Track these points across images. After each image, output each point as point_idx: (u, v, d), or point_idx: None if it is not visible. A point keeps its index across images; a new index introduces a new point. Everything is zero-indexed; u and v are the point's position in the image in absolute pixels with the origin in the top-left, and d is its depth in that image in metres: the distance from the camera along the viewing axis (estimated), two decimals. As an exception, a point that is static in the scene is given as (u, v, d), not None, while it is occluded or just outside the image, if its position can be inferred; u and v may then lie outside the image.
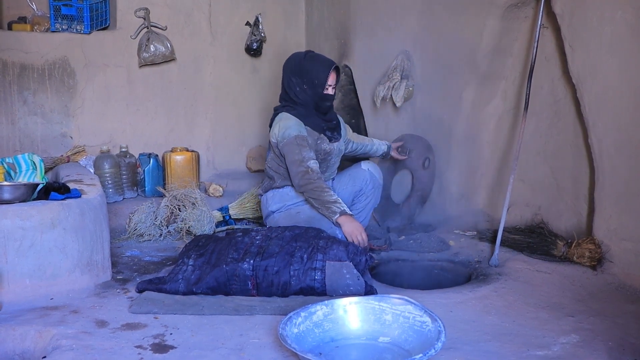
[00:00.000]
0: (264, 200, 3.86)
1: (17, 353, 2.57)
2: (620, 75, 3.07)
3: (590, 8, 3.18)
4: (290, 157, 3.55)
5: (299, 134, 3.57)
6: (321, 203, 3.47)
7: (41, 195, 3.18)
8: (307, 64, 3.70)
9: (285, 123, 3.61)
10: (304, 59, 3.73)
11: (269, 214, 3.80)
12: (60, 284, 3.00)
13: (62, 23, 4.99)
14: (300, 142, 3.54)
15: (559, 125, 3.64)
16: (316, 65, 3.69)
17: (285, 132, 3.57)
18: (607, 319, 2.68)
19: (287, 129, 3.58)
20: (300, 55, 3.79)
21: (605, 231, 3.22)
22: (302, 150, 3.53)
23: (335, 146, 3.82)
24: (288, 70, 3.76)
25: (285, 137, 3.56)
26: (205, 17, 5.42)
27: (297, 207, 3.67)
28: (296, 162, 3.52)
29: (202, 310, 2.81)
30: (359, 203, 3.88)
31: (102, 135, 5.16)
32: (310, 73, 3.68)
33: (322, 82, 3.67)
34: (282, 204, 3.73)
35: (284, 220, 3.66)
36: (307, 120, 3.68)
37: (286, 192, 3.72)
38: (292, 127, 3.59)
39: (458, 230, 4.11)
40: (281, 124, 3.62)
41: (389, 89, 4.35)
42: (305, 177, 3.49)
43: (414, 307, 2.42)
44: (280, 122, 3.64)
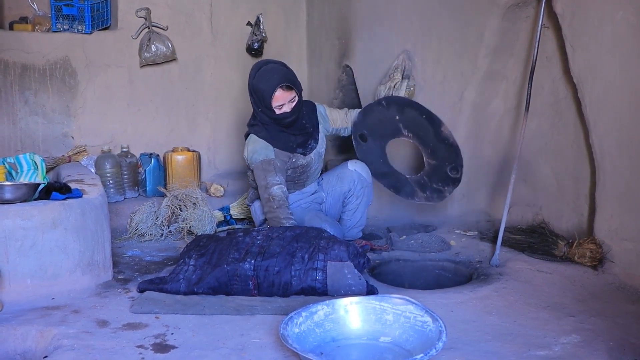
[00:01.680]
0: (253, 210, 3.91)
1: (19, 353, 2.57)
2: (621, 75, 3.07)
3: (591, 8, 3.18)
4: (257, 181, 3.58)
5: (265, 159, 3.54)
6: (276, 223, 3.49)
7: (42, 195, 3.18)
8: (257, 82, 3.51)
9: (253, 147, 3.59)
10: (255, 76, 3.52)
11: (261, 222, 3.86)
12: (61, 284, 3.01)
13: (64, 23, 4.99)
14: (265, 167, 3.53)
15: (560, 125, 3.64)
16: (262, 84, 3.47)
17: (252, 157, 3.58)
18: (608, 319, 2.67)
19: (254, 154, 3.57)
20: (256, 68, 3.56)
21: (606, 231, 3.21)
22: (267, 175, 3.52)
23: (312, 156, 3.78)
24: (248, 85, 3.60)
25: (253, 162, 3.58)
26: (206, 17, 5.42)
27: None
28: (262, 188, 3.55)
29: (203, 310, 2.81)
30: (350, 204, 3.90)
31: (103, 135, 5.16)
32: (257, 93, 3.52)
33: (269, 104, 3.49)
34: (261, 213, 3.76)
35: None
36: (275, 142, 3.61)
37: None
38: (259, 151, 3.57)
39: (459, 230, 4.11)
40: (249, 148, 3.62)
41: (390, 89, 4.35)
42: (267, 204, 3.54)
43: (415, 307, 2.42)
44: (249, 146, 3.63)
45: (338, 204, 3.91)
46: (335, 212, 3.95)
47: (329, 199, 3.91)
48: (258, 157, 3.56)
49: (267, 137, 3.61)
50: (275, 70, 3.51)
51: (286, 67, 3.61)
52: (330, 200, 3.91)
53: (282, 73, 3.51)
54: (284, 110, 3.53)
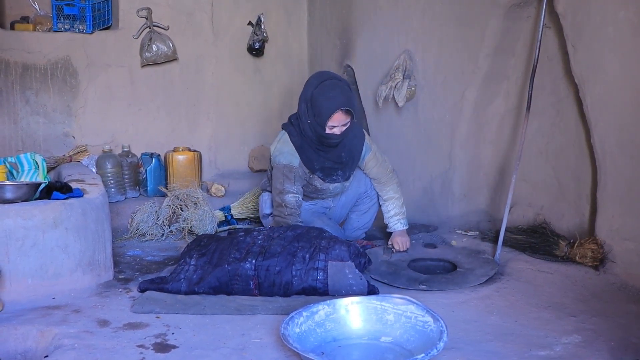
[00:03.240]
0: (261, 201, 3.91)
1: (19, 352, 2.58)
2: (622, 74, 3.06)
3: (592, 7, 3.17)
4: (274, 182, 3.54)
5: (288, 164, 3.47)
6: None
7: (43, 194, 3.19)
8: (318, 95, 3.34)
9: (281, 147, 3.51)
10: (317, 86, 3.37)
11: (264, 216, 3.87)
12: (62, 284, 3.01)
13: (65, 23, 5.00)
14: (286, 173, 3.47)
15: (561, 125, 3.64)
16: (324, 100, 3.32)
17: (277, 157, 3.52)
18: (609, 319, 2.67)
19: (280, 154, 3.50)
20: (318, 78, 3.44)
21: (607, 231, 3.21)
22: (285, 181, 3.46)
23: (331, 187, 3.67)
24: (303, 91, 3.47)
25: (275, 162, 3.53)
26: (208, 17, 5.42)
27: None
28: (276, 190, 3.50)
29: (204, 310, 2.81)
30: (362, 204, 3.90)
31: (104, 135, 5.17)
32: (315, 106, 3.36)
33: (323, 122, 3.35)
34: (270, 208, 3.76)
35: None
36: (302, 154, 3.51)
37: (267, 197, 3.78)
38: (285, 154, 3.48)
39: (460, 230, 4.10)
40: (278, 146, 3.54)
41: (392, 89, 4.36)
42: (277, 209, 3.51)
43: (416, 307, 2.42)
44: (278, 144, 3.55)
45: (350, 203, 3.89)
46: (345, 212, 3.95)
47: (343, 197, 3.86)
48: (282, 160, 3.48)
49: (298, 146, 3.49)
50: (341, 90, 3.34)
51: (349, 88, 3.47)
52: (344, 199, 3.87)
53: (347, 96, 3.34)
54: (334, 131, 3.39)
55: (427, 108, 4.34)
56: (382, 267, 3.41)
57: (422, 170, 4.46)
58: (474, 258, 3.51)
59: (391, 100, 4.40)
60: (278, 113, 5.84)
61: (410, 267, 3.43)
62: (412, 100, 4.38)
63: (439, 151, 4.27)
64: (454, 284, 3.17)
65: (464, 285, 3.15)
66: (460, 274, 3.31)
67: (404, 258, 3.56)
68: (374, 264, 3.35)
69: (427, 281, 3.21)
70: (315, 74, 3.55)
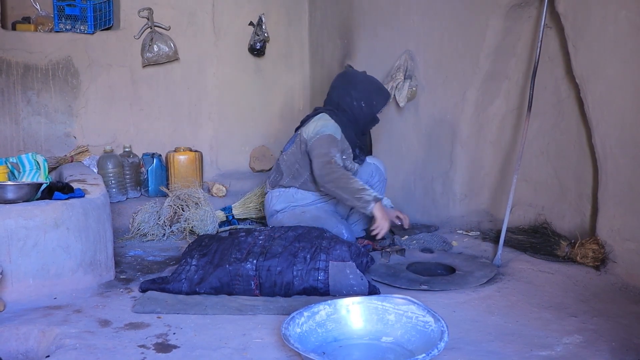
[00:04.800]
0: (269, 199, 3.85)
1: (21, 352, 2.58)
2: (624, 74, 3.06)
3: (593, 7, 3.17)
4: (317, 151, 3.54)
5: (332, 134, 3.59)
6: (350, 192, 3.47)
7: (45, 194, 3.19)
8: (371, 86, 3.83)
9: (325, 122, 3.64)
10: (367, 79, 3.85)
11: (273, 213, 3.80)
12: (63, 284, 3.01)
13: (66, 23, 5.00)
14: (331, 141, 3.57)
15: (563, 125, 3.64)
16: (379, 90, 3.84)
17: (320, 129, 3.59)
18: (610, 319, 2.67)
19: (324, 127, 3.60)
20: (362, 73, 3.91)
21: (608, 231, 3.21)
22: (330, 147, 3.55)
23: (357, 167, 3.85)
24: (347, 82, 3.82)
25: (319, 134, 3.57)
26: (209, 17, 5.43)
27: (302, 207, 3.67)
28: (321, 155, 3.52)
29: (205, 310, 2.81)
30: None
31: (105, 135, 5.17)
32: (372, 94, 3.79)
33: (380, 107, 3.83)
34: (286, 204, 3.73)
35: (288, 219, 3.67)
36: (344, 130, 3.72)
37: (291, 194, 3.73)
38: (330, 127, 3.63)
39: (461, 231, 4.10)
40: (319, 122, 3.65)
41: (393, 89, 4.36)
42: (327, 166, 3.49)
43: (417, 307, 2.42)
44: (319, 121, 3.67)
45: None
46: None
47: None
48: (327, 131, 3.58)
49: (340, 122, 3.70)
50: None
51: None
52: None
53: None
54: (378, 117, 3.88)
55: (428, 108, 4.34)
56: (381, 269, 3.41)
57: (423, 171, 4.46)
58: (471, 262, 3.51)
59: (392, 100, 4.40)
60: (279, 113, 5.85)
61: (409, 270, 3.43)
62: (413, 101, 4.38)
63: (439, 151, 4.27)
64: (454, 285, 3.17)
65: (464, 286, 3.15)
66: (460, 275, 3.31)
67: (402, 261, 3.56)
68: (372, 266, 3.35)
69: (428, 282, 3.21)
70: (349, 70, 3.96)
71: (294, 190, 3.73)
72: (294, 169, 3.71)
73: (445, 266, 3.52)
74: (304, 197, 3.71)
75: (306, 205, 3.69)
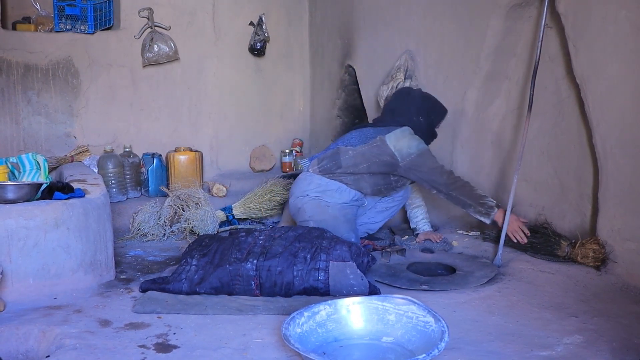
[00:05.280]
0: (307, 180, 3.78)
1: (21, 352, 2.58)
2: (624, 74, 3.06)
3: (594, 7, 3.17)
4: (428, 164, 3.64)
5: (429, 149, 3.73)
6: (475, 199, 3.56)
7: (45, 194, 3.19)
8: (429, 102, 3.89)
9: (418, 138, 3.72)
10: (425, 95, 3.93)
11: (303, 194, 3.75)
12: (63, 284, 3.01)
13: (66, 23, 5.00)
14: (433, 155, 3.69)
15: (563, 125, 3.63)
16: (437, 105, 3.90)
17: (419, 145, 3.67)
18: (611, 319, 2.67)
19: (422, 143, 3.71)
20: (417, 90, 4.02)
21: (609, 231, 3.21)
22: (437, 160, 3.70)
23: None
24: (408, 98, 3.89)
25: (420, 149, 3.66)
26: (209, 17, 5.42)
27: (330, 203, 3.67)
28: (439, 168, 3.65)
29: (206, 310, 2.81)
30: (383, 203, 3.90)
31: (106, 135, 5.17)
32: (429, 110, 3.86)
33: (437, 121, 3.90)
34: (319, 193, 3.70)
35: (310, 207, 3.68)
36: None
37: (335, 188, 3.70)
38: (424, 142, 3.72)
39: (462, 231, 4.11)
40: (413, 137, 3.71)
41: (393, 89, 4.35)
42: (452, 176, 3.63)
43: (417, 307, 2.42)
44: (411, 136, 3.72)
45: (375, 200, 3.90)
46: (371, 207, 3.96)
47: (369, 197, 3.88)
48: (425, 146, 3.70)
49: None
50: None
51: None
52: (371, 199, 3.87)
53: None
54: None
55: (428, 108, 4.33)
56: (382, 269, 3.41)
57: (424, 171, 4.45)
58: (472, 262, 3.51)
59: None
60: (279, 113, 5.85)
61: (410, 270, 3.43)
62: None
63: (440, 151, 4.27)
64: (455, 285, 3.17)
65: (465, 286, 3.14)
66: (461, 275, 3.31)
67: (402, 262, 3.56)
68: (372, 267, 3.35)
69: (428, 282, 3.21)
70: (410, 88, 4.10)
71: (340, 186, 3.71)
72: (358, 168, 3.69)
73: (446, 266, 3.52)
74: (341, 196, 3.70)
75: (335, 204, 3.68)
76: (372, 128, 3.82)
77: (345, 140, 3.84)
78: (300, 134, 5.95)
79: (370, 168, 3.68)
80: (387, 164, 3.67)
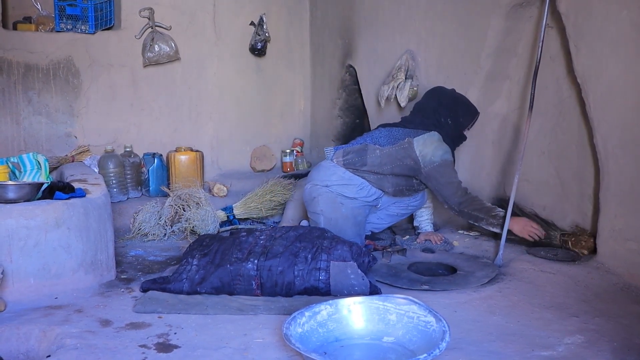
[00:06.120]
0: (331, 170, 3.77)
1: (22, 352, 2.58)
2: (625, 74, 3.06)
3: (595, 7, 3.17)
4: (446, 178, 3.62)
5: (453, 161, 3.70)
6: (485, 212, 3.55)
7: (46, 194, 3.19)
8: (459, 103, 3.83)
9: (445, 147, 3.68)
10: (456, 96, 3.84)
11: (322, 183, 3.74)
12: (64, 283, 3.01)
13: (67, 23, 5.00)
14: (454, 169, 3.67)
15: (564, 125, 3.63)
16: (467, 107, 3.83)
17: (444, 155, 3.63)
18: (612, 319, 2.66)
19: (447, 153, 3.66)
20: (450, 90, 3.89)
21: (610, 231, 3.20)
22: (457, 175, 3.67)
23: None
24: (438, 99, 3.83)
25: (444, 160, 3.62)
26: (210, 17, 5.43)
27: (345, 200, 3.67)
28: (455, 184, 3.62)
29: (206, 310, 2.81)
30: (395, 208, 3.89)
31: (106, 135, 5.17)
32: (458, 112, 3.79)
33: (467, 124, 3.84)
34: (341, 185, 3.69)
35: (325, 199, 3.69)
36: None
37: (357, 184, 3.70)
38: (449, 153, 3.68)
39: (462, 230, 4.11)
40: (440, 145, 3.66)
41: (394, 89, 4.35)
42: (466, 194, 3.61)
43: (418, 307, 2.42)
44: (438, 143, 3.67)
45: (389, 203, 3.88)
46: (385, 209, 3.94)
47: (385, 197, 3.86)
48: (449, 158, 3.66)
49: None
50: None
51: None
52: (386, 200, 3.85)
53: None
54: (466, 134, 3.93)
55: (429, 108, 4.33)
56: (383, 269, 3.41)
57: (424, 170, 4.45)
58: (472, 262, 3.51)
59: (393, 100, 4.40)
60: (279, 113, 5.85)
61: (411, 270, 3.43)
62: (414, 101, 4.37)
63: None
64: (456, 285, 3.17)
65: (466, 286, 3.14)
66: (462, 275, 3.31)
67: (403, 261, 3.56)
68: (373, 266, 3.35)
69: (429, 282, 3.21)
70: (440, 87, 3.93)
71: (362, 182, 3.70)
72: (382, 168, 3.68)
73: (447, 266, 3.52)
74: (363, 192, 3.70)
75: (351, 200, 3.68)
76: (402, 129, 3.78)
77: (374, 137, 3.81)
78: (300, 134, 5.95)
79: (394, 169, 3.68)
80: (410, 168, 3.66)
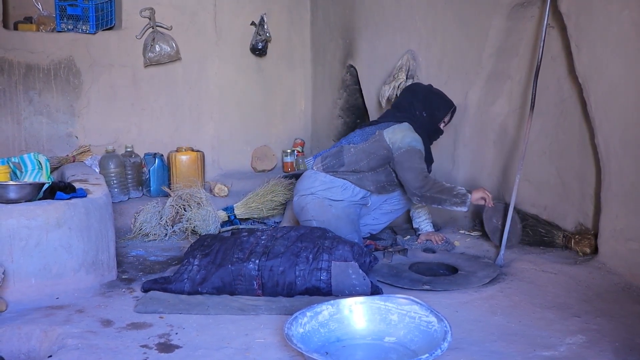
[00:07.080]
0: (312, 178, 3.81)
1: (23, 352, 2.58)
2: (626, 74, 3.05)
3: (596, 7, 3.16)
4: (410, 163, 3.61)
5: (421, 150, 3.68)
6: (447, 192, 3.53)
7: (47, 194, 3.19)
8: (433, 96, 3.85)
9: (414, 136, 3.70)
10: (431, 90, 3.87)
11: (307, 192, 3.77)
12: (65, 283, 3.01)
13: (68, 23, 5.00)
14: (421, 156, 3.66)
15: (565, 125, 3.63)
16: (442, 99, 3.85)
17: (412, 142, 3.65)
18: (613, 319, 2.66)
19: (415, 141, 3.67)
20: (426, 86, 3.92)
21: (611, 231, 3.20)
22: (422, 162, 3.65)
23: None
24: (413, 93, 3.88)
25: (411, 147, 3.63)
26: (211, 17, 5.43)
27: (333, 202, 3.69)
28: (417, 169, 3.61)
29: (208, 310, 2.81)
30: (388, 205, 3.91)
31: (107, 135, 5.17)
32: (433, 104, 3.81)
33: (442, 116, 3.83)
34: (325, 190, 3.71)
35: (313, 206, 3.69)
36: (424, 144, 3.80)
37: (339, 185, 3.72)
38: (419, 142, 3.69)
39: (463, 230, 4.10)
40: (408, 133, 3.69)
41: (395, 89, 4.35)
42: (426, 178, 3.60)
43: (419, 307, 2.41)
44: (407, 132, 3.70)
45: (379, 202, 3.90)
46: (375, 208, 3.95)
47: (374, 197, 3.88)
48: (417, 146, 3.66)
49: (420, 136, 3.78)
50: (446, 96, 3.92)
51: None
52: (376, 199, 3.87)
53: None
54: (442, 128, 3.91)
55: (430, 108, 4.33)
56: (384, 269, 3.41)
57: (425, 170, 4.45)
58: (474, 262, 3.51)
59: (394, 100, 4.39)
60: (280, 113, 5.85)
61: (412, 270, 3.43)
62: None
63: (442, 151, 4.26)
64: (457, 285, 3.17)
65: (467, 286, 3.14)
66: (463, 275, 3.31)
67: (404, 262, 3.56)
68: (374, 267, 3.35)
69: (430, 282, 3.21)
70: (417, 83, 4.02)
71: (344, 183, 3.72)
72: (359, 165, 3.71)
73: (448, 266, 3.52)
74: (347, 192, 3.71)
75: (339, 201, 3.69)
76: (374, 126, 3.83)
77: (348, 138, 3.88)
78: (301, 134, 5.95)
79: (370, 163, 3.70)
80: (385, 157, 3.69)
